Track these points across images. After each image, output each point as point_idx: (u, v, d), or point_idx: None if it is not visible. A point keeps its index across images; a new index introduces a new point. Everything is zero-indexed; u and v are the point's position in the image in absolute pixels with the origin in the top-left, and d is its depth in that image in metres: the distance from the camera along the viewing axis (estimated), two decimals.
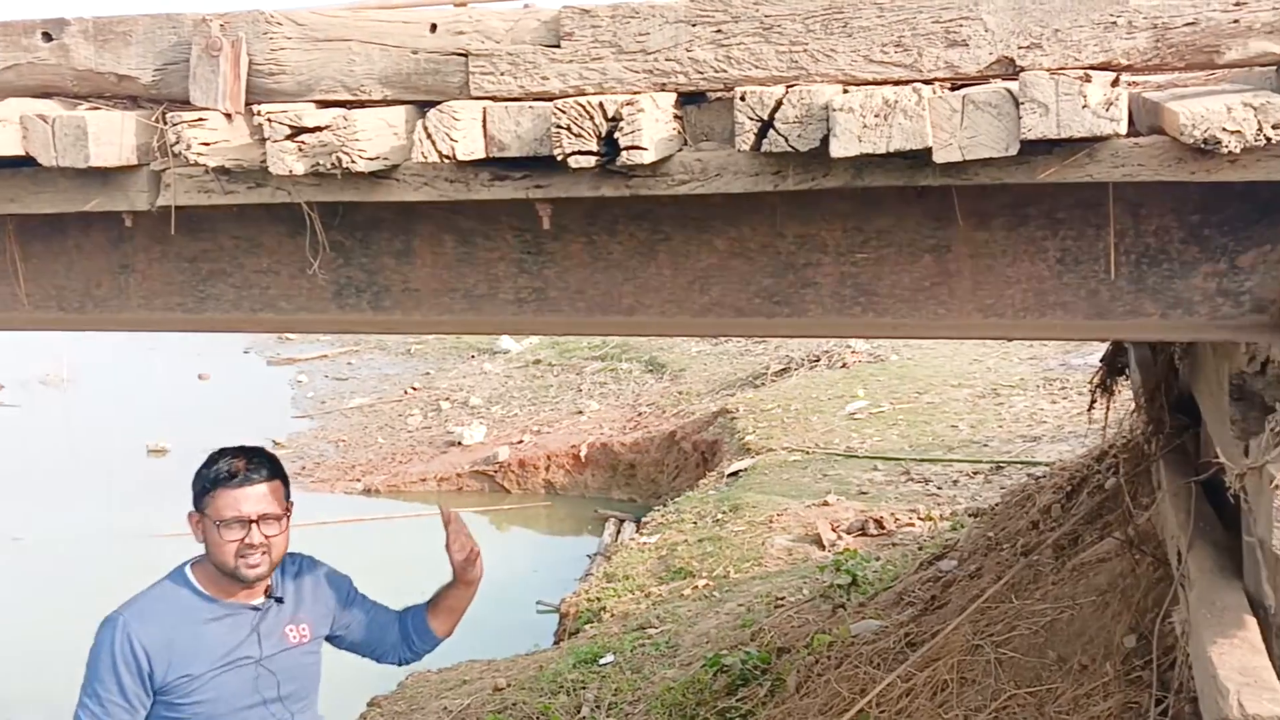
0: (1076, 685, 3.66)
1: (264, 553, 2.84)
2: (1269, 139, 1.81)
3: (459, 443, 14.27)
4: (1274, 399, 2.22)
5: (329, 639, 3.13)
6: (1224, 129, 1.81)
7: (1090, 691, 3.59)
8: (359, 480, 13.70)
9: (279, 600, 2.95)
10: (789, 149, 2.00)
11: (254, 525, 2.82)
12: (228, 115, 2.26)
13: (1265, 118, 1.80)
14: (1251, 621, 2.44)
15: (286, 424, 16.24)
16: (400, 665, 3.35)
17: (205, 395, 18.09)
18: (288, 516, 2.94)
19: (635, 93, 2.14)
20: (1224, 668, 2.28)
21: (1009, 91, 1.92)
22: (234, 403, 17.03)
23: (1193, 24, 1.98)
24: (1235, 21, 1.96)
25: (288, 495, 2.99)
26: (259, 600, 2.92)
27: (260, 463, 2.92)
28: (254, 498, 2.85)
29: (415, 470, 13.78)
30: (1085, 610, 3.88)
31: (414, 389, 17.17)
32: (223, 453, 2.93)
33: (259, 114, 2.19)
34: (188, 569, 2.93)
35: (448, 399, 16.23)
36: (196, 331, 2.91)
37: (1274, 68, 2.05)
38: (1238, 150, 1.83)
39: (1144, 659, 3.49)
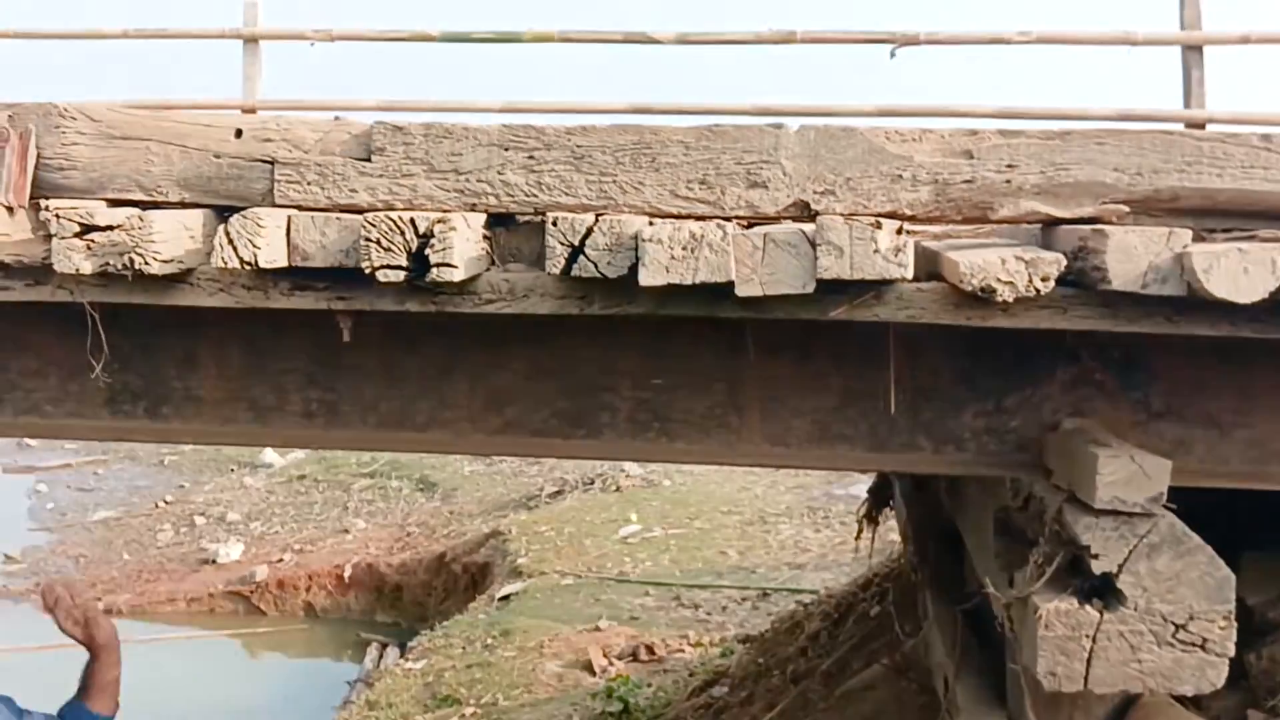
0: None
1: None
2: (1038, 290, 1.96)
3: (213, 561, 13.52)
4: (1036, 533, 2.36)
5: None
6: (999, 279, 1.96)
7: None
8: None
9: None
10: (598, 275, 2.04)
11: None
12: (9, 209, 2.14)
13: (1035, 270, 1.95)
14: None
15: (22, 536, 15.03)
16: None
17: None
18: None
19: (446, 211, 2.15)
20: None
21: (805, 233, 2.02)
22: None
23: (970, 181, 2.15)
24: (1008, 182, 2.14)
25: None
26: None
27: None
28: None
29: (164, 589, 12.95)
30: None
31: (166, 502, 16.23)
32: None
33: (46, 209, 2.08)
34: None
35: (203, 514, 15.40)
36: None
37: (1040, 226, 2.25)
38: (1010, 299, 1.97)
39: None
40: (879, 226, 1.98)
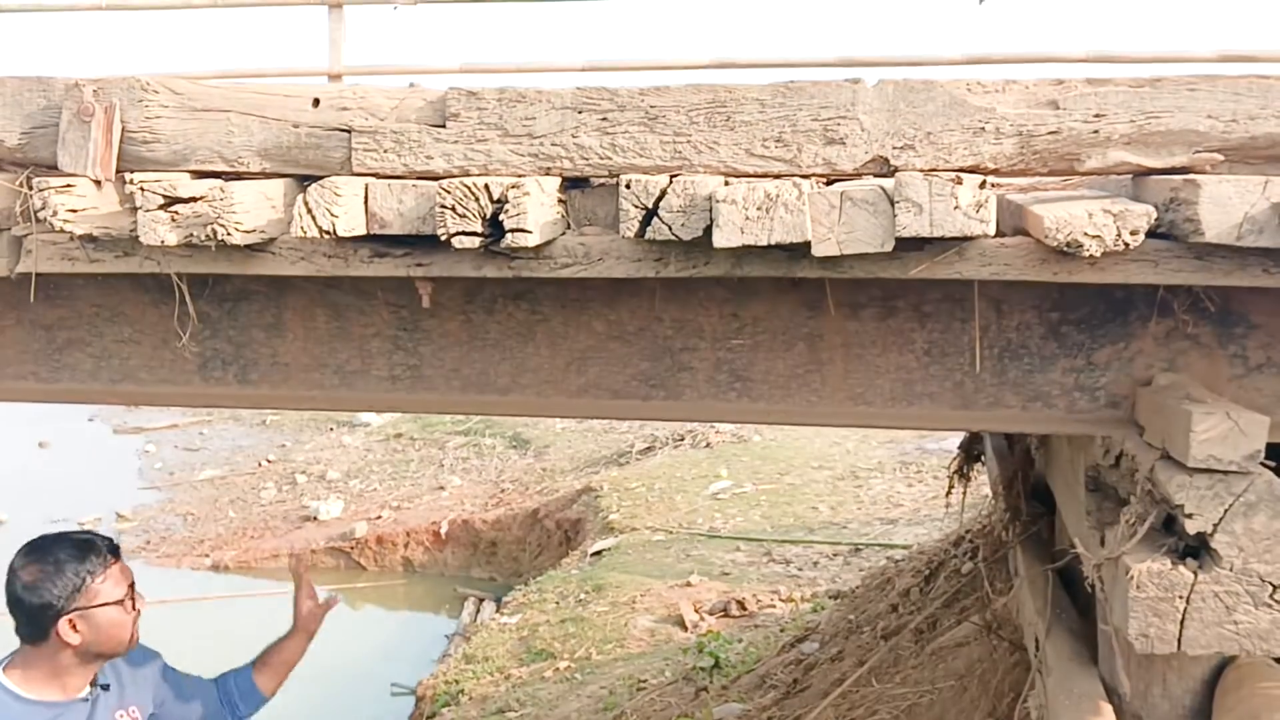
0: None
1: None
2: (1127, 244, 1.90)
3: (314, 517, 13.89)
4: (1128, 492, 2.31)
5: None
6: (1085, 233, 1.90)
7: None
8: (208, 555, 13.20)
9: (104, 688, 2.72)
10: (672, 237, 2.02)
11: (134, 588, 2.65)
12: (97, 182, 2.18)
13: (1124, 224, 1.89)
14: (1107, 708, 2.50)
15: (132, 495, 15.57)
16: None
17: (45, 464, 17.24)
18: None
19: (520, 176, 2.15)
20: None
21: (884, 190, 1.98)
22: (76, 472, 16.28)
23: (1055, 133, 2.08)
24: (1095, 132, 2.07)
25: None
26: (85, 691, 2.67)
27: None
28: (124, 563, 2.67)
29: (268, 545, 13.33)
30: (944, 695, 3.95)
31: (269, 461, 16.68)
32: (73, 544, 2.62)
33: (131, 182, 2.12)
34: (1, 677, 2.62)
35: (304, 472, 15.80)
36: (51, 402, 2.77)
37: (1130, 176, 2.17)
38: (1098, 254, 1.91)
39: None
40: (960, 182, 1.94)
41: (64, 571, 2.55)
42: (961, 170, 2.07)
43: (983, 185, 1.97)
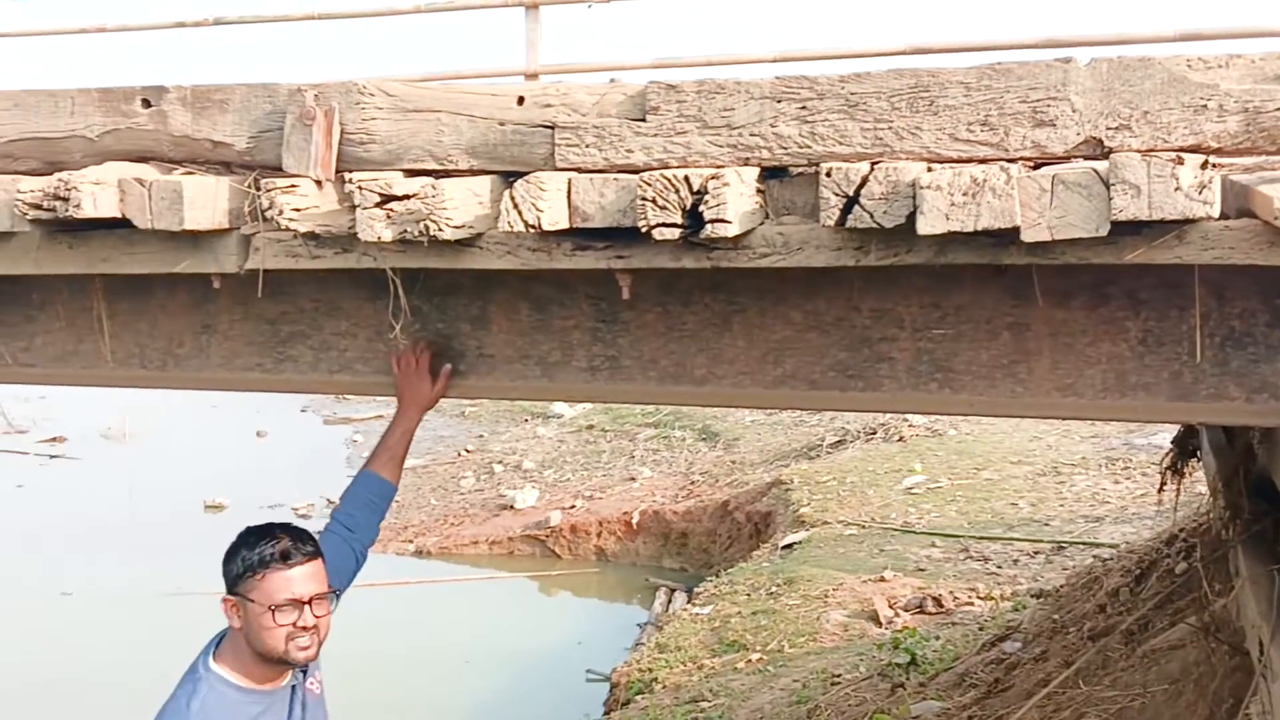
0: None
1: (314, 634, 2.61)
2: None
3: (511, 506, 14.25)
4: None
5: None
6: None
7: None
8: (411, 541, 13.70)
9: (303, 670, 2.76)
10: (874, 225, 2.00)
11: (307, 606, 2.58)
12: (318, 182, 2.30)
13: None
14: None
15: (341, 483, 15.93)
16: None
17: (262, 452, 18.23)
18: (335, 595, 2.69)
19: (719, 167, 2.16)
20: None
21: (1098, 172, 1.91)
22: (290, 461, 17.14)
23: None
24: None
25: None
26: (288, 678, 2.72)
27: (305, 540, 2.66)
28: (305, 577, 2.60)
29: (467, 533, 13.76)
30: (1158, 699, 3.78)
31: (467, 451, 17.20)
32: (261, 532, 2.65)
33: (350, 181, 2.23)
34: (215, 666, 2.66)
35: (501, 462, 16.23)
36: (275, 392, 2.94)
37: None
38: None
39: None
40: (1180, 162, 1.85)
41: (238, 553, 2.61)
42: (1181, 150, 1.97)
43: (1205, 165, 1.88)
